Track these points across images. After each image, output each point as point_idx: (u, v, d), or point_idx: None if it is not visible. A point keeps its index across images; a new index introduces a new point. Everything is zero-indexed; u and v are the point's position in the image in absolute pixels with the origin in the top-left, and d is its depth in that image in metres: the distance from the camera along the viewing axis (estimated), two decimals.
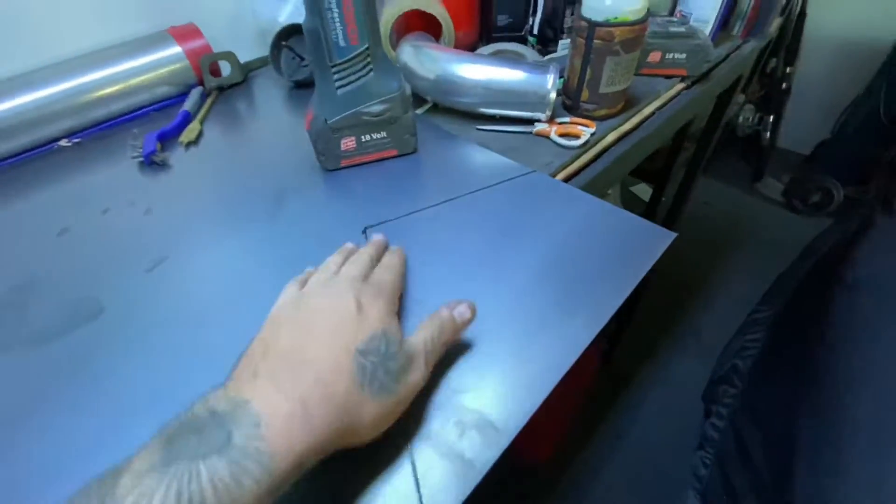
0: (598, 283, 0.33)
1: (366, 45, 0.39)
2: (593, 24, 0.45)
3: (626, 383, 1.40)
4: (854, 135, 1.75)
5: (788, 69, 1.86)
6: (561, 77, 0.55)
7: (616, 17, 0.44)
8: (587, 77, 0.49)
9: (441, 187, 0.43)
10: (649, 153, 0.58)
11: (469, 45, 0.64)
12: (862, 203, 1.43)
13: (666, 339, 1.50)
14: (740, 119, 2.04)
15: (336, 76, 0.40)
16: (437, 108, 0.55)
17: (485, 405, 0.27)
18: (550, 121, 0.51)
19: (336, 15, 0.36)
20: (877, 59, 1.64)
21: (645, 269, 0.34)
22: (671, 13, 0.62)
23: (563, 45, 0.59)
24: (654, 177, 1.21)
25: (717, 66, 0.64)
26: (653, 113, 0.56)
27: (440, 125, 0.52)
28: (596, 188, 0.49)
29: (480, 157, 0.47)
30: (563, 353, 0.29)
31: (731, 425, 0.82)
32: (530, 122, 0.51)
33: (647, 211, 1.30)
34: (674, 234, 0.36)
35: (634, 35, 0.45)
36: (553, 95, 0.48)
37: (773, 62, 1.88)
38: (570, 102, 0.52)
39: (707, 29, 0.61)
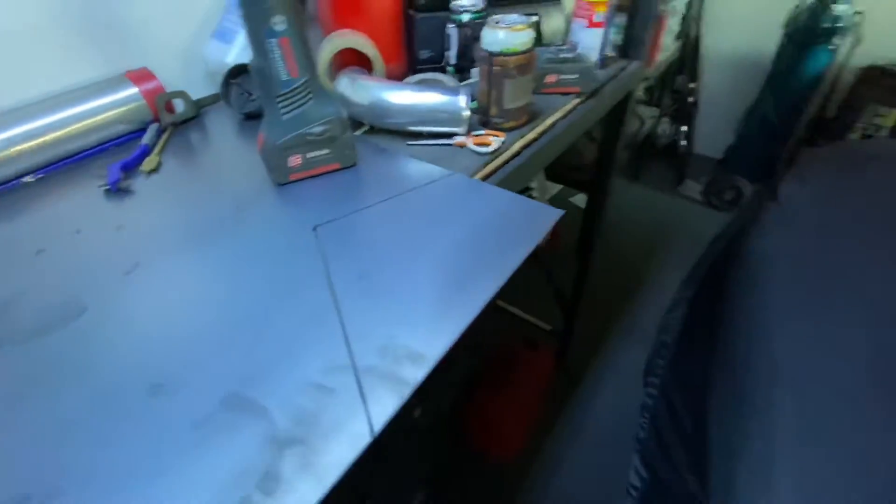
0: (503, 249, 0.42)
1: (305, 78, 0.48)
2: (491, 55, 0.56)
3: (579, 379, 1.50)
4: (754, 138, 1.99)
5: (693, 85, 2.11)
6: (475, 99, 0.65)
7: (509, 48, 0.55)
8: (493, 96, 0.59)
9: (379, 190, 0.51)
10: (556, 155, 0.69)
11: (399, 76, 0.74)
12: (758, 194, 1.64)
13: (611, 333, 1.62)
14: (659, 131, 2.27)
15: (281, 104, 0.48)
16: (373, 129, 0.64)
17: (415, 342, 0.34)
18: (468, 134, 0.61)
19: (278, 55, 0.45)
20: (762, 72, 1.91)
21: (539, 236, 0.43)
22: (564, 42, 0.75)
23: (475, 72, 0.70)
24: (587, 187, 1.36)
25: (605, 84, 0.77)
26: (554, 123, 0.67)
27: (377, 143, 0.61)
28: (510, 184, 0.59)
29: (411, 165, 0.56)
30: (474, 302, 0.37)
31: (662, 391, 0.93)
32: (451, 135, 0.60)
33: (585, 216, 1.44)
34: (561, 211, 0.46)
35: (525, 61, 0.56)
36: (467, 113, 0.58)
37: (679, 80, 2.13)
38: (484, 118, 0.63)
39: (593, 55, 0.74)
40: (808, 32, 1.68)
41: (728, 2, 2.01)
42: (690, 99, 2.12)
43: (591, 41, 0.73)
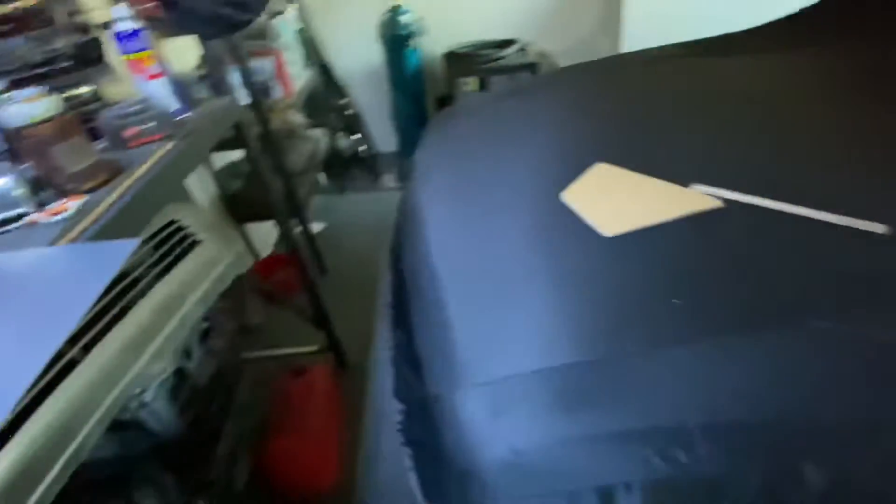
0: (78, 293, 0.44)
1: None
2: (18, 129, 0.56)
3: (362, 375, 1.60)
4: (406, 126, 2.46)
5: (345, 100, 2.44)
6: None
7: (35, 118, 0.56)
8: (48, 166, 0.59)
9: None
10: (171, 194, 0.73)
11: None
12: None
13: (371, 325, 1.78)
14: (341, 145, 2.55)
15: None
16: None
17: None
18: (42, 209, 0.59)
19: None
20: (385, 75, 2.35)
21: (119, 264, 0.47)
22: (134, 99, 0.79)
23: None
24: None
25: (192, 123, 0.84)
26: (147, 171, 0.70)
27: None
28: (117, 233, 0.59)
29: None
30: (39, 358, 0.38)
31: (395, 340, 1.10)
32: (20, 217, 0.58)
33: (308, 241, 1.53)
34: (135, 241, 0.50)
35: (63, 124, 0.58)
36: (19, 192, 0.56)
37: (332, 99, 2.43)
38: (56, 189, 0.62)
39: (169, 101, 0.80)
40: (395, 40, 2.15)
41: (333, 29, 2.38)
42: (349, 112, 2.45)
43: (159, 90, 0.79)
